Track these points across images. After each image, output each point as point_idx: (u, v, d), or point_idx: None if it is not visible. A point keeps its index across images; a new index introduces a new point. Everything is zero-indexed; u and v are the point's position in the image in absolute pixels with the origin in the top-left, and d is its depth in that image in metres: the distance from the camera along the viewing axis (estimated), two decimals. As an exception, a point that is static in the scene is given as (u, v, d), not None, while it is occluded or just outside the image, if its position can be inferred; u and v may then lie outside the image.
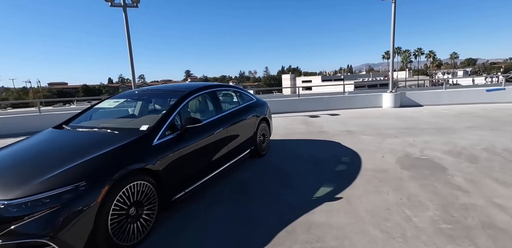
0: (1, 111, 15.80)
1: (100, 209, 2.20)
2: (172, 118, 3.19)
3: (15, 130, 8.62)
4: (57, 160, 2.41)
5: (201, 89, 4.06)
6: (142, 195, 2.60)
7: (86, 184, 2.15)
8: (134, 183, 2.51)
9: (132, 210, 2.51)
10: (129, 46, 11.56)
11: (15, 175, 2.26)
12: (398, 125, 7.78)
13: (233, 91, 5.07)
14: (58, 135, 3.13)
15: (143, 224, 2.62)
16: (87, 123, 3.43)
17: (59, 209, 2.01)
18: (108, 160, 2.44)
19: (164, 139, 2.98)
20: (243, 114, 4.68)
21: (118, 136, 2.88)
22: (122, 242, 2.40)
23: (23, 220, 1.94)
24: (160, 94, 4.16)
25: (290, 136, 7.06)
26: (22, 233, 1.93)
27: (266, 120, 5.43)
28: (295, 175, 4.27)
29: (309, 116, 10.12)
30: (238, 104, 4.81)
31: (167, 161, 2.90)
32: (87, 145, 2.72)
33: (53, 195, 2.04)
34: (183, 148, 3.13)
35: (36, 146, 2.85)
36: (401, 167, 4.40)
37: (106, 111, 4.06)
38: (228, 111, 4.35)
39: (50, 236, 1.97)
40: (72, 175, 2.19)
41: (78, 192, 2.10)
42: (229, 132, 4.11)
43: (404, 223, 2.81)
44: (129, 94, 4.27)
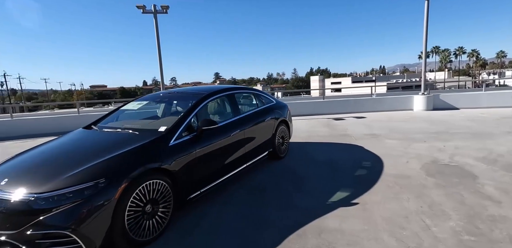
0: (49, 111, 17.33)
1: (118, 205, 2.36)
2: (189, 120, 3.32)
3: (57, 129, 9.40)
4: (81, 158, 2.63)
5: (219, 92, 4.17)
6: (158, 193, 2.74)
7: (105, 181, 2.32)
8: (150, 181, 2.65)
9: (148, 207, 2.66)
10: (158, 50, 12.11)
11: (44, 171, 2.50)
12: (428, 129, 7.37)
13: (252, 93, 5.13)
14: (86, 134, 3.40)
15: (158, 221, 2.76)
16: (113, 124, 3.68)
17: (80, 203, 2.19)
18: (126, 159, 2.61)
19: (181, 140, 3.11)
20: (261, 116, 4.72)
21: (138, 136, 3.06)
22: (138, 238, 2.55)
23: (50, 212, 2.14)
24: (181, 97, 4.34)
25: (311, 138, 6.97)
26: (48, 224, 2.13)
27: (285, 122, 5.43)
28: (312, 178, 4.22)
29: (333, 119, 9.91)
30: (257, 107, 4.86)
31: (183, 161, 3.03)
32: (109, 145, 2.92)
33: (75, 190, 2.22)
34: (199, 149, 3.24)
35: (64, 145, 3.12)
36: (426, 174, 4.17)
37: (131, 113, 4.31)
38: (246, 113, 4.42)
39: (72, 228, 2.15)
40: (93, 172, 2.37)
41: (98, 188, 2.28)
42: (246, 134, 4.17)
43: (421, 233, 2.68)
44: (152, 96, 4.50)
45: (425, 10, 10.92)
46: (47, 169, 2.53)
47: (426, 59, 11.93)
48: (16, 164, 2.74)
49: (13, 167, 2.68)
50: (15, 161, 2.81)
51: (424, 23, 11.05)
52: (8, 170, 2.61)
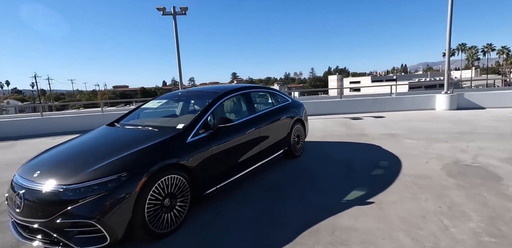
0: (75, 110, 18.21)
1: (138, 198, 2.48)
2: (205, 118, 3.42)
3: (83, 127, 9.86)
4: (105, 153, 2.78)
5: (235, 91, 4.25)
6: (175, 188, 2.85)
7: (127, 174, 2.46)
8: (169, 176, 2.76)
9: (166, 201, 2.77)
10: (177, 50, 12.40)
11: (72, 164, 2.67)
12: (451, 129, 7.11)
13: (268, 92, 5.18)
14: (109, 131, 3.58)
15: (176, 215, 2.87)
16: (134, 121, 3.85)
17: (104, 195, 2.33)
18: (146, 154, 2.74)
19: (198, 137, 3.21)
20: (277, 115, 4.76)
21: (157, 133, 3.19)
22: (157, 230, 2.67)
23: (77, 202, 2.30)
24: (198, 95, 4.46)
25: (327, 138, 6.92)
26: (76, 214, 2.28)
27: (301, 121, 5.43)
28: (327, 177, 4.21)
29: (350, 119, 9.76)
30: (272, 106, 4.91)
31: (199, 158, 3.13)
32: (131, 141, 3.07)
33: (100, 182, 2.37)
34: (215, 146, 3.33)
35: (90, 141, 3.31)
36: (447, 174, 4.06)
37: (151, 111, 4.49)
38: (262, 112, 4.48)
39: (97, 218, 2.29)
40: (116, 166, 2.51)
41: (120, 181, 2.41)
42: (262, 132, 4.23)
43: (439, 233, 2.63)
44: (170, 95, 4.66)
45: (449, 5, 10.51)
46: (75, 163, 2.70)
47: (449, 56, 11.48)
48: (47, 157, 2.94)
49: (44, 160, 2.89)
50: (46, 155, 3.03)
51: (448, 18, 10.64)
52: (40, 163, 2.81)
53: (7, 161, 6.31)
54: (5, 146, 8.14)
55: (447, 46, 11.12)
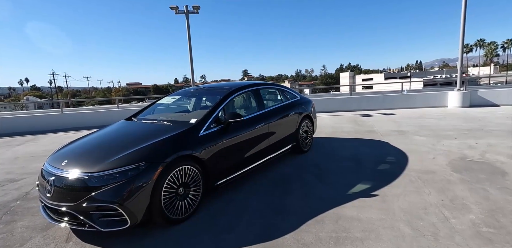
0: (92, 107, 18.87)
1: (155, 186, 2.71)
2: (217, 113, 3.62)
3: (100, 122, 10.30)
4: (124, 144, 3.02)
5: (245, 88, 4.43)
6: (189, 178, 3.07)
7: (144, 164, 2.69)
8: (182, 167, 2.98)
9: (180, 189, 2.99)
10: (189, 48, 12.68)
11: (95, 154, 2.92)
12: (461, 126, 7.08)
13: (277, 89, 5.34)
14: (128, 125, 3.83)
15: (189, 203, 3.09)
16: (150, 116, 4.10)
17: (125, 183, 2.56)
18: (162, 146, 2.96)
19: (209, 131, 3.42)
20: (285, 111, 4.92)
21: (171, 127, 3.41)
22: (172, 216, 2.89)
23: (100, 189, 2.54)
24: (210, 92, 4.67)
25: (336, 134, 7.03)
26: (99, 199, 2.52)
27: (309, 117, 5.57)
28: (334, 172, 4.35)
29: (360, 116, 9.80)
30: (281, 102, 5.07)
31: (211, 150, 3.33)
32: (148, 133, 3.31)
33: (121, 171, 2.60)
34: (226, 140, 3.53)
35: (110, 133, 3.57)
36: (452, 169, 4.13)
37: (166, 107, 4.72)
38: (270, 108, 4.64)
39: (119, 203, 2.53)
40: (135, 156, 2.74)
41: (139, 170, 2.64)
42: (271, 128, 4.40)
43: (439, 224, 2.74)
44: (183, 92, 4.89)
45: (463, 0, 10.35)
46: (98, 153, 2.95)
47: (462, 52, 11.30)
48: (73, 148, 3.22)
49: (70, 150, 3.16)
50: (72, 146, 3.30)
51: (462, 11, 10.48)
52: (67, 153, 3.08)
53: (31, 153, 6.72)
54: (29, 139, 8.62)
55: (460, 42, 10.96)
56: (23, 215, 3.37)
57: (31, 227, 3.06)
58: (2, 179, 4.77)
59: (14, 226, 3.11)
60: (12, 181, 4.64)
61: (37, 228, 3.02)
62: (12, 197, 3.94)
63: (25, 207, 3.60)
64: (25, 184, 4.44)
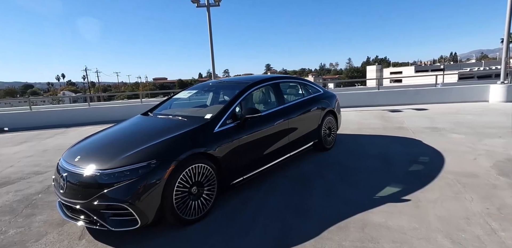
0: (118, 101, 19.57)
1: (167, 184, 2.57)
2: (233, 109, 3.42)
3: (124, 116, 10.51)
4: (137, 140, 2.92)
5: (264, 81, 4.20)
6: (203, 177, 2.91)
7: (156, 162, 2.56)
8: (196, 165, 2.82)
9: (194, 188, 2.84)
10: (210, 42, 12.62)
11: (108, 151, 2.84)
12: (506, 123, 6.37)
13: (298, 83, 5.05)
14: (143, 120, 3.75)
15: (203, 203, 2.93)
16: (166, 111, 3.99)
17: (136, 181, 2.45)
18: (174, 143, 2.82)
19: (225, 127, 3.24)
20: (307, 106, 4.64)
21: (186, 122, 3.27)
22: (185, 216, 2.75)
23: (112, 186, 2.44)
24: (227, 86, 4.49)
25: (362, 131, 6.61)
26: (110, 197, 2.43)
27: (332, 113, 5.24)
28: (360, 172, 4.02)
29: (389, 111, 9.21)
30: (303, 97, 4.78)
31: (226, 148, 3.15)
32: (161, 129, 3.19)
33: (132, 168, 2.49)
34: (242, 137, 3.34)
35: (124, 129, 3.49)
36: (498, 173, 3.65)
37: (183, 101, 4.61)
38: (291, 103, 4.38)
39: (129, 202, 2.42)
40: (146, 153, 2.62)
41: (150, 168, 2.52)
42: (291, 124, 4.14)
43: (485, 237, 2.37)
44: (200, 86, 4.75)
45: (508, -15, 9.33)
46: (110, 149, 2.87)
47: (508, 41, 10.25)
48: (87, 144, 3.17)
49: (84, 146, 3.11)
50: (86, 141, 3.27)
51: (506, 0, 9.47)
52: (81, 149, 3.04)
53: (59, 146, 6.97)
54: (58, 132, 9.00)
55: (505, 29, 9.92)
56: (43, 209, 3.40)
57: (49, 222, 3.06)
58: (29, 172, 4.93)
59: (33, 220, 3.13)
60: (38, 174, 4.78)
61: (53, 223, 3.02)
62: (35, 190, 4.02)
63: (46, 200, 3.64)
64: (48, 177, 4.54)
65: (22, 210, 3.39)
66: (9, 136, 8.69)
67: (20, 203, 3.58)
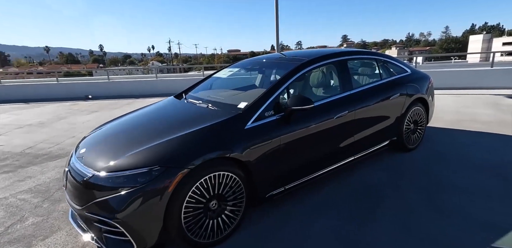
0: (198, 72, 20.39)
1: (173, 199, 1.95)
2: (275, 96, 2.56)
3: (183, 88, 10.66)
4: (148, 135, 2.30)
5: (324, 58, 3.17)
6: (225, 188, 2.21)
7: (159, 168, 1.93)
8: (216, 173, 2.12)
9: (212, 203, 2.17)
10: (276, 10, 11.63)
11: (111, 147, 2.32)
12: None
13: (375, 60, 3.78)
14: (169, 105, 3.15)
15: (225, 222, 2.25)
16: (199, 94, 3.33)
17: (132, 191, 1.87)
18: (186, 143, 2.14)
19: (262, 121, 2.42)
20: (385, 92, 3.45)
21: (213, 112, 2.58)
22: (198, 239, 2.12)
23: (104, 195, 1.91)
24: (278, 64, 3.55)
25: (462, 124, 4.92)
26: (101, 208, 1.91)
27: (422, 101, 3.88)
28: (458, 190, 2.75)
29: (505, 97, 6.89)
30: (380, 79, 3.57)
31: (262, 149, 2.35)
32: (179, 122, 2.55)
33: (129, 175, 1.92)
34: (286, 134, 2.48)
35: (143, 117, 2.89)
36: None
37: (225, 81, 3.91)
38: (361, 88, 3.27)
39: (120, 219, 1.87)
40: (149, 156, 2.01)
41: (151, 176, 1.91)
42: (358, 115, 3.08)
43: None
44: (243, 64, 3.93)
45: None
46: (115, 145, 2.34)
47: None
48: (98, 133, 2.69)
49: (95, 136, 2.66)
50: (101, 130, 2.81)
51: None
52: (91, 139, 2.60)
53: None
54: (128, 103, 9.54)
55: None
56: (75, 192, 3.24)
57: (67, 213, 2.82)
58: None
59: (56, 207, 2.93)
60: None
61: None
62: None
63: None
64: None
65: (54, 192, 3.27)
66: (88, 104, 9.59)
67: (57, 182, 3.50)
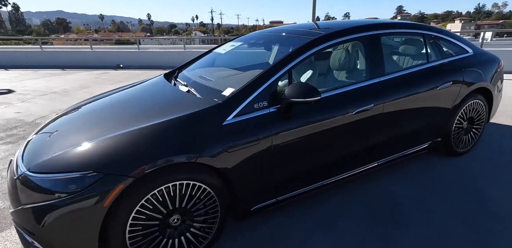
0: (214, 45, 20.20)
1: (111, 215, 1.50)
2: (271, 83, 1.94)
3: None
4: (103, 127, 1.85)
5: (349, 32, 2.39)
6: (191, 201, 1.72)
7: (95, 174, 1.48)
8: (176, 183, 1.63)
9: (174, 219, 1.71)
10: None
11: (53, 139, 1.87)
12: None
13: (423, 35, 2.85)
14: (149, 88, 2.60)
15: (191, 241, 1.78)
16: (193, 72, 2.78)
17: (58, 202, 1.44)
18: (139, 142, 1.64)
19: (248, 115, 1.83)
20: (432, 79, 2.62)
21: (189, 100, 2.06)
22: (150, 264, 1.67)
23: (29, 202, 1.53)
24: (286, 38, 2.83)
25: (542, 124, 3.78)
26: (24, 218, 1.55)
27: (484, 92, 2.95)
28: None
29: None
30: (426, 61, 2.71)
31: (245, 152, 1.79)
32: (147, 111, 2.02)
33: (59, 179, 1.50)
34: (280, 133, 1.88)
35: (112, 102, 2.39)
36: None
37: (239, 55, 3.31)
38: (398, 73, 2.48)
39: (39, 237, 1.50)
40: (84, 157, 1.57)
41: (84, 183, 1.47)
42: (388, 109, 2.33)
43: None
44: (248, 38, 3.24)
45: None
46: (63, 136, 1.90)
47: None
48: (59, 120, 2.24)
49: (53, 123, 2.20)
50: (63, 115, 2.33)
51: None
52: (48, 127, 2.14)
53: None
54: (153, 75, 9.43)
55: None
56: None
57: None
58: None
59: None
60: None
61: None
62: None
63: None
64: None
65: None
66: (117, 73, 9.65)
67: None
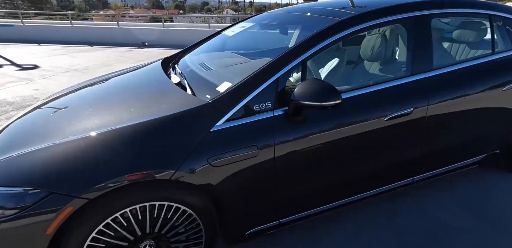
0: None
1: (58, 243, 1.19)
2: (277, 78, 1.49)
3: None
4: (63, 128, 1.49)
5: (383, 13, 1.81)
6: (167, 225, 1.37)
7: (38, 192, 1.16)
8: (146, 204, 1.28)
9: (145, 245, 1.38)
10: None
11: (16, 138, 1.56)
12: None
13: (488, 17, 2.16)
14: (142, 75, 2.25)
15: (167, 271, 1.45)
16: (195, 59, 2.35)
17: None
18: (102, 150, 1.28)
19: (245, 120, 1.42)
20: (497, 75, 2.01)
21: (175, 97, 1.66)
22: None
23: None
24: (308, 19, 2.30)
25: None
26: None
27: None
28: None
29: None
30: (491, 52, 2.08)
31: (239, 165, 1.39)
32: (124, 107, 1.66)
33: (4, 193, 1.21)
34: (285, 143, 1.45)
35: (96, 92, 2.04)
36: None
37: (252, 36, 2.81)
38: (449, 68, 1.90)
39: None
40: (25, 169, 1.24)
41: (24, 201, 1.16)
42: (433, 112, 1.78)
43: None
44: (261, 18, 2.70)
45: None
46: (25, 135, 1.59)
47: None
48: (42, 111, 1.91)
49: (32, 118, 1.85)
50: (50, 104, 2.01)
51: None
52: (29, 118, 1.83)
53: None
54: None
55: None
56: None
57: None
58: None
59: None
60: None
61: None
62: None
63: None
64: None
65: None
66: (141, 51, 9.58)
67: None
